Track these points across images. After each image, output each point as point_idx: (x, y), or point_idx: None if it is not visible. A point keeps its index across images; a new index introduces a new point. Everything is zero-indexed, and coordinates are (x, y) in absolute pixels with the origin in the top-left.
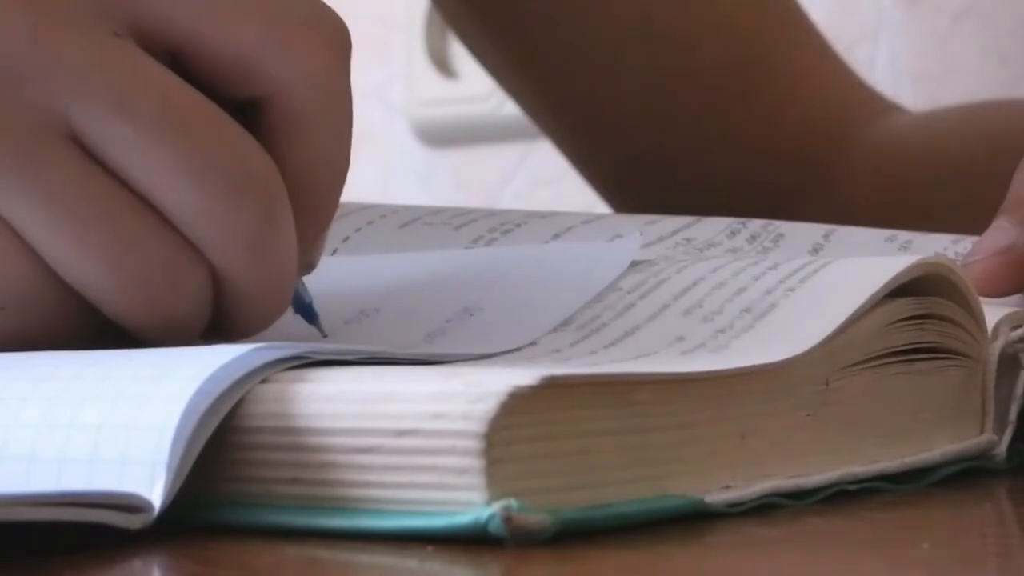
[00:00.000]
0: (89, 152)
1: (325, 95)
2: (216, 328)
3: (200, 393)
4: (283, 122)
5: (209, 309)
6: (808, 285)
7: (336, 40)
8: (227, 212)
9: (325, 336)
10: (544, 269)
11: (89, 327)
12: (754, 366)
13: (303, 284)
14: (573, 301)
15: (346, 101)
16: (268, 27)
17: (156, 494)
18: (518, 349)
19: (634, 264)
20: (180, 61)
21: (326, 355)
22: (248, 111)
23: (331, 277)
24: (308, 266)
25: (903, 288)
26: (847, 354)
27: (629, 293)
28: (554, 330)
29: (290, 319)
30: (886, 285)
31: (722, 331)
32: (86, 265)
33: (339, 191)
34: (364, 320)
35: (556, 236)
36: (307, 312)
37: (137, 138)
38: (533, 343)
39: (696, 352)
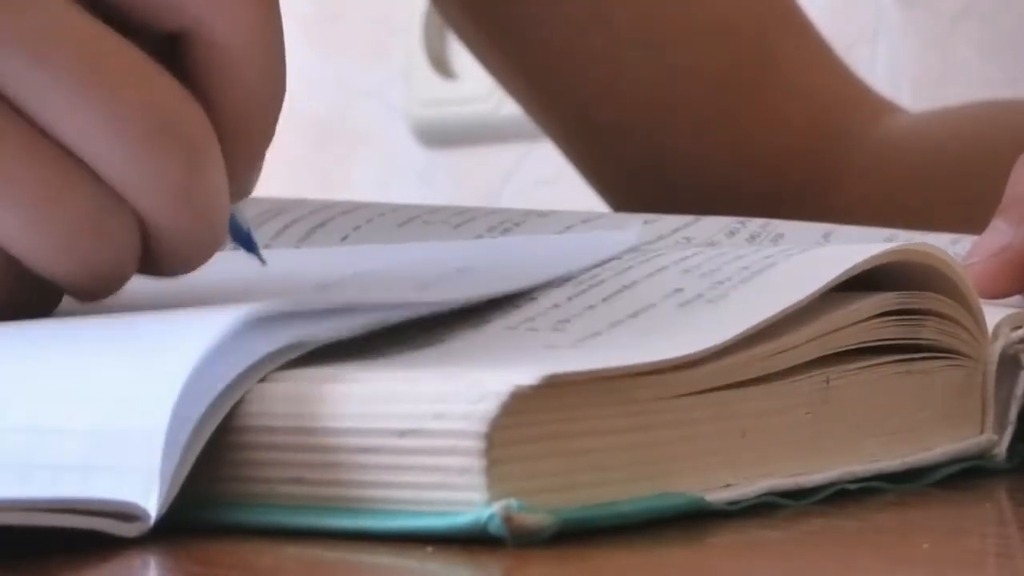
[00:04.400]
0: (7, 102)
1: (247, 26)
2: (151, 267)
3: (194, 395)
4: (205, 56)
5: (138, 254)
6: (808, 253)
7: None
8: (150, 159)
9: (264, 263)
10: (540, 252)
11: (17, 284)
12: (753, 328)
13: (241, 213)
14: (568, 267)
15: (272, 30)
16: None
17: (152, 503)
18: (515, 306)
19: (633, 249)
20: None
21: (320, 342)
22: (173, 48)
23: (329, 260)
24: (243, 194)
25: (901, 283)
26: (842, 341)
27: (628, 259)
28: (553, 285)
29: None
30: (882, 255)
31: (720, 283)
32: (6, 218)
33: (273, 121)
34: (356, 278)
35: (556, 234)
36: (246, 242)
37: (54, 86)
38: (533, 299)
39: (694, 302)
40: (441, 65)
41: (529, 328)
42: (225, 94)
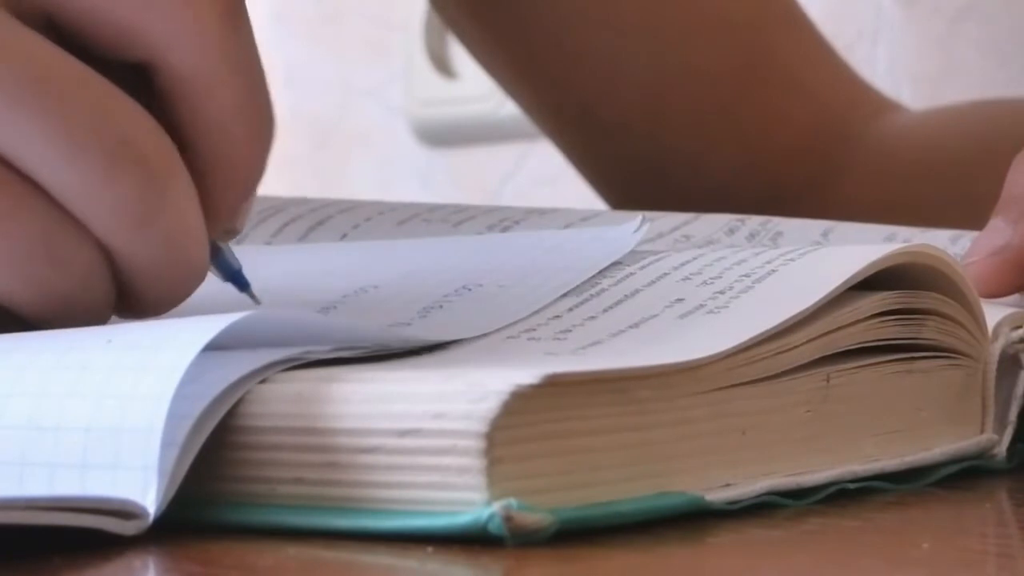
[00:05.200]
0: None
1: (211, 57)
2: (128, 305)
3: (191, 393)
4: (169, 88)
5: (109, 286)
6: (809, 257)
7: (221, 0)
8: (103, 185)
9: (259, 303)
10: (545, 252)
11: None
12: (753, 338)
13: (231, 251)
14: (572, 279)
15: (241, 60)
16: None
17: (150, 500)
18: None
19: (635, 251)
20: (58, 27)
21: (321, 355)
22: (142, 77)
23: (331, 259)
24: (230, 233)
25: (900, 282)
26: (842, 340)
27: (629, 266)
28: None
29: (221, 288)
30: (883, 259)
31: (721, 292)
32: None
33: (258, 153)
34: (362, 295)
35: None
36: (237, 280)
37: (4, 108)
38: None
39: (694, 313)
40: (441, 65)
41: (530, 338)
42: (195, 124)
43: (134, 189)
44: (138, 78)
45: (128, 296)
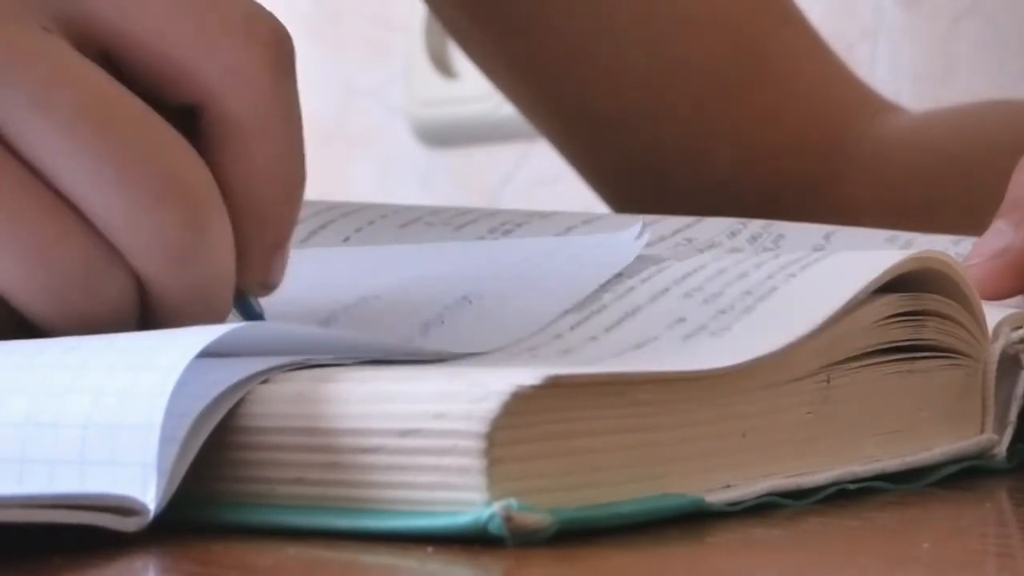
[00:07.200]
0: (10, 147)
1: (262, 103)
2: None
3: (191, 391)
4: (217, 130)
5: (134, 317)
6: (810, 271)
7: (274, 46)
8: (148, 216)
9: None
10: (546, 261)
11: (9, 322)
12: (755, 359)
13: (257, 302)
14: (574, 294)
15: (288, 109)
16: (197, 30)
17: (150, 497)
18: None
19: (637, 257)
20: (115, 64)
21: (322, 361)
22: (188, 120)
23: (333, 265)
24: (265, 287)
25: (902, 284)
26: (845, 346)
27: (630, 278)
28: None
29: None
30: (884, 274)
31: (723, 312)
32: None
33: (292, 205)
34: (364, 306)
35: (557, 236)
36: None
37: (56, 134)
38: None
39: (697, 335)
40: (442, 64)
41: (532, 357)
42: (236, 168)
43: (177, 222)
44: (181, 123)
45: (148, 327)
